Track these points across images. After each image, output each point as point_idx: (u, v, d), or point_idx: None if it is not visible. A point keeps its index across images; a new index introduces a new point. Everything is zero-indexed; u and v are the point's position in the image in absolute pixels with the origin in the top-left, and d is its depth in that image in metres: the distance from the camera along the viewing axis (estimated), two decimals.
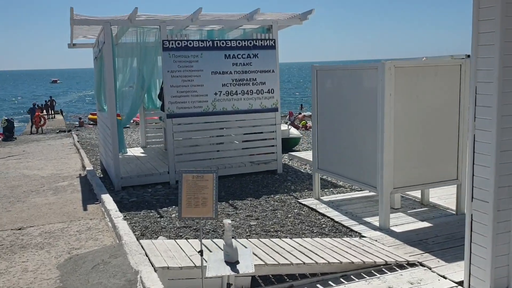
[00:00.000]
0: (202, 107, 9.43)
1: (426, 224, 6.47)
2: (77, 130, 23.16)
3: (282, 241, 5.60)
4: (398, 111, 6.15)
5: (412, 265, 5.19)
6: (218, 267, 3.48)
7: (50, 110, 34.16)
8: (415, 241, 5.84)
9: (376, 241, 5.87)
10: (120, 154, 9.25)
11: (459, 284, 4.70)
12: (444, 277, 4.88)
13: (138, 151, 11.88)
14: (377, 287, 4.70)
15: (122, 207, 7.64)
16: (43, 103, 35.78)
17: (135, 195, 8.49)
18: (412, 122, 6.31)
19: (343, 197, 7.98)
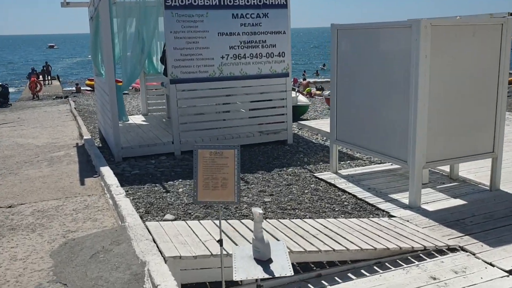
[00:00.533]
0: (208, 72, 8.70)
1: (459, 201, 5.86)
2: (74, 96, 22.38)
3: (304, 222, 4.99)
4: (433, 75, 5.45)
5: (452, 250, 4.60)
6: (248, 267, 2.86)
7: (46, 76, 33.21)
8: (451, 221, 5.24)
9: (408, 221, 5.27)
10: (120, 122, 8.57)
11: (510, 273, 4.12)
12: (492, 264, 4.29)
13: (139, 119, 11.19)
14: (417, 277, 4.11)
15: (124, 181, 7.02)
16: (41, 68, 34.74)
17: (138, 167, 7.86)
18: (448, 89, 5.62)
19: (363, 170, 7.35)
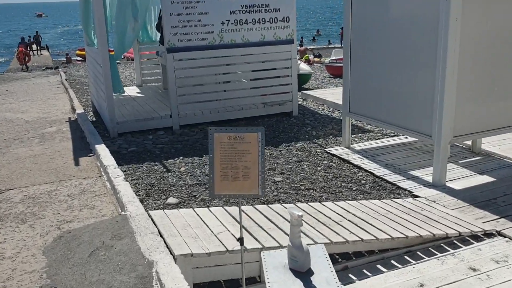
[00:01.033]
0: (207, 39, 8.09)
1: (487, 178, 5.42)
2: (64, 67, 21.59)
3: (323, 206, 4.53)
4: (463, 40, 4.91)
5: (489, 235, 4.17)
6: (284, 282, 2.39)
7: (36, 46, 32.15)
8: (482, 201, 4.80)
9: (434, 202, 4.82)
10: (115, 95, 7.99)
11: None
12: None
13: (133, 91, 10.58)
14: (454, 268, 3.68)
15: (121, 159, 6.51)
16: (30, 37, 33.57)
17: (135, 144, 7.34)
18: (479, 54, 5.09)
19: (376, 144, 6.87)
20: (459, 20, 4.79)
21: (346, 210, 4.39)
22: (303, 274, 2.48)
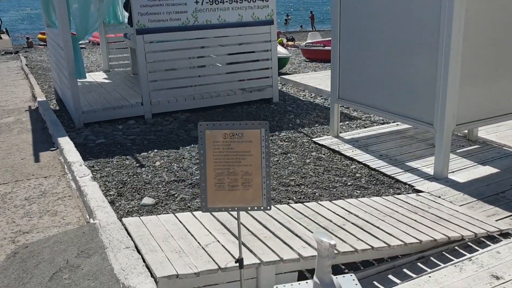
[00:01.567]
0: (180, 20, 7.43)
1: (489, 169, 5.02)
2: (25, 52, 20.37)
3: (320, 205, 4.03)
4: (468, 21, 4.45)
5: (505, 235, 3.77)
6: None
7: None
8: (489, 196, 4.40)
9: (439, 197, 4.39)
10: (80, 81, 7.28)
11: None
12: None
13: (100, 77, 9.82)
14: (475, 276, 3.24)
15: (88, 153, 5.86)
16: None
17: (103, 135, 6.67)
18: (484, 36, 4.65)
19: (367, 133, 6.41)
20: None
21: (347, 211, 3.90)
22: None
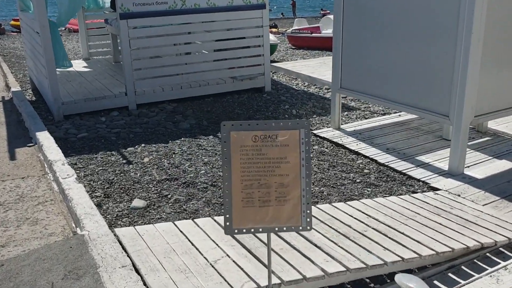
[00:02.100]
0: (167, 3, 6.91)
1: (507, 163, 4.69)
2: None
3: (335, 208, 3.63)
4: (492, 1, 4.07)
5: None
6: None
7: None
8: None
9: (459, 196, 4.03)
10: (59, 70, 6.72)
11: None
12: None
13: (79, 65, 9.21)
14: None
15: (69, 148, 5.36)
16: None
17: (85, 128, 6.15)
18: (508, 17, 4.28)
19: (369, 124, 6.02)
20: None
21: (364, 214, 3.51)
22: None
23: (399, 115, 6.29)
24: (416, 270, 3.10)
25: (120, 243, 2.84)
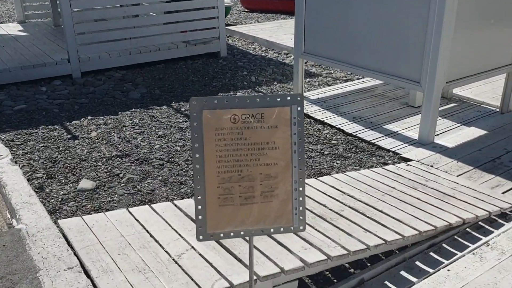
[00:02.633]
0: None
1: (475, 130, 4.54)
2: None
3: (306, 185, 3.33)
4: None
5: None
6: None
7: None
8: (486, 163, 3.91)
9: (432, 166, 3.84)
10: None
11: None
12: None
13: (14, 29, 8.38)
14: (501, 266, 2.72)
15: (4, 123, 4.80)
16: None
17: (23, 99, 5.54)
18: None
19: (333, 92, 5.74)
20: None
21: (339, 191, 3.24)
22: None
23: (363, 81, 6.04)
24: (397, 251, 2.88)
25: (65, 238, 2.43)
